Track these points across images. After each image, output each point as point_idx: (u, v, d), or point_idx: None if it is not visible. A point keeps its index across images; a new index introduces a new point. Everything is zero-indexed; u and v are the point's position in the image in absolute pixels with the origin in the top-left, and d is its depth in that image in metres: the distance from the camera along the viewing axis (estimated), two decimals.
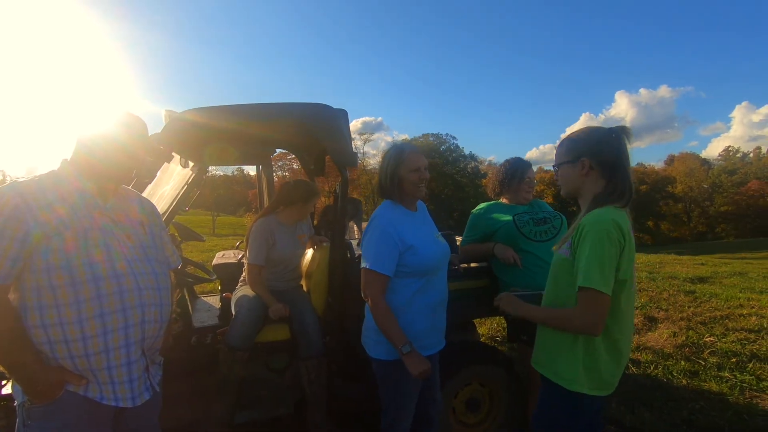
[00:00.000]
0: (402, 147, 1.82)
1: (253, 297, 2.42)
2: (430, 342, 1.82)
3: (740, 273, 8.03)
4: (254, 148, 3.34)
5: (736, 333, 4.23)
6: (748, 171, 53.52)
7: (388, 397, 1.82)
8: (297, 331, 2.34)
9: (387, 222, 1.74)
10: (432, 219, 2.01)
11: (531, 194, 2.48)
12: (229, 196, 52.52)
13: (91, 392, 1.35)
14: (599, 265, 1.30)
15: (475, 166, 52.38)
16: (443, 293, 1.87)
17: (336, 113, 2.24)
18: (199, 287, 4.89)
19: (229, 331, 2.30)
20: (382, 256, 1.69)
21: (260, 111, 2.17)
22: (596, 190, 1.45)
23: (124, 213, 1.47)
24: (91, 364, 1.32)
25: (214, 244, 11.12)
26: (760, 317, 4.67)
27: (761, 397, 3.07)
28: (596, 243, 1.32)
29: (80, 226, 1.33)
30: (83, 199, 1.38)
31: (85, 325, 1.30)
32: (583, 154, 1.45)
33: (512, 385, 2.48)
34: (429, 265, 1.76)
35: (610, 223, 1.33)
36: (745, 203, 46.06)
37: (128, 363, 1.38)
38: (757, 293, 6.08)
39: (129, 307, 1.36)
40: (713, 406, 2.89)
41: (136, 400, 1.41)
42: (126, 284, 1.36)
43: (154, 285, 1.45)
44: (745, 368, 3.49)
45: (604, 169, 1.44)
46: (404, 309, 1.74)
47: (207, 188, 30.94)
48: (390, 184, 1.79)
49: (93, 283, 1.31)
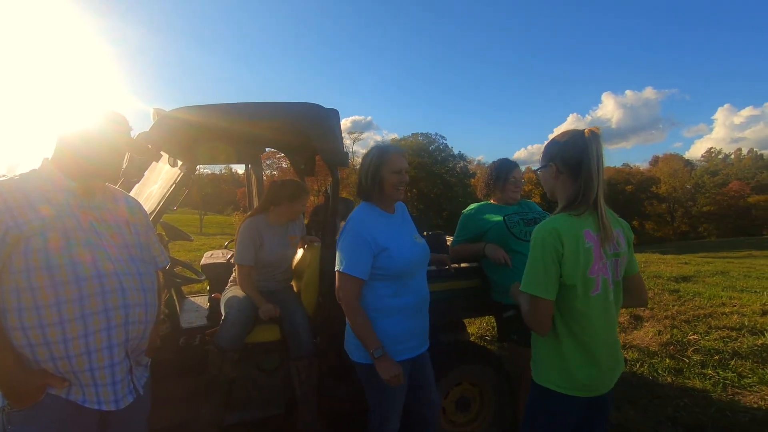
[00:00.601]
0: (385, 147, 1.81)
1: (243, 297, 2.39)
2: (411, 345, 1.81)
3: (722, 272, 8.21)
4: (244, 147, 3.31)
5: (719, 331, 4.32)
6: (730, 172, 54.77)
7: (374, 399, 1.82)
8: (287, 331, 2.33)
9: (361, 224, 1.74)
10: (412, 220, 2.00)
11: (518, 194, 2.49)
12: (216, 194, 51.96)
13: (74, 395, 1.32)
14: (534, 270, 1.40)
15: (464, 166, 52.59)
16: (422, 295, 1.85)
17: (327, 113, 2.23)
18: (187, 287, 4.82)
19: (219, 332, 2.27)
20: (355, 259, 1.68)
21: (250, 110, 2.15)
22: (568, 192, 1.47)
23: (109, 212, 1.44)
24: (73, 366, 1.30)
25: (201, 244, 10.99)
26: (741, 315, 4.78)
27: (743, 394, 3.14)
28: (532, 250, 1.41)
29: (62, 225, 1.30)
30: (66, 198, 1.35)
31: (66, 326, 1.27)
32: (552, 158, 1.49)
33: (502, 385, 2.50)
34: (404, 268, 1.75)
35: (547, 231, 1.39)
36: (727, 203, 47.09)
37: (111, 365, 1.35)
38: (738, 292, 6.22)
39: (112, 308, 1.33)
40: (697, 403, 2.95)
41: (120, 403, 1.38)
42: (109, 285, 1.33)
43: (138, 285, 1.42)
44: (728, 365, 3.57)
45: (572, 172, 1.45)
46: (381, 311, 1.74)
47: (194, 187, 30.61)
48: (370, 184, 1.78)
49: (75, 284, 1.28)
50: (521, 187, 2.49)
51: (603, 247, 1.41)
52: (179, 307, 3.06)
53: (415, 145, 49.04)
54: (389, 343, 1.71)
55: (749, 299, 5.57)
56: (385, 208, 1.84)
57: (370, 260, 1.70)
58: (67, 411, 1.31)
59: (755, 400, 3.04)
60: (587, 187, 1.40)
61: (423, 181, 46.87)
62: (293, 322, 2.33)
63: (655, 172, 54.24)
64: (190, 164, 2.67)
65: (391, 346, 1.72)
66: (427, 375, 1.94)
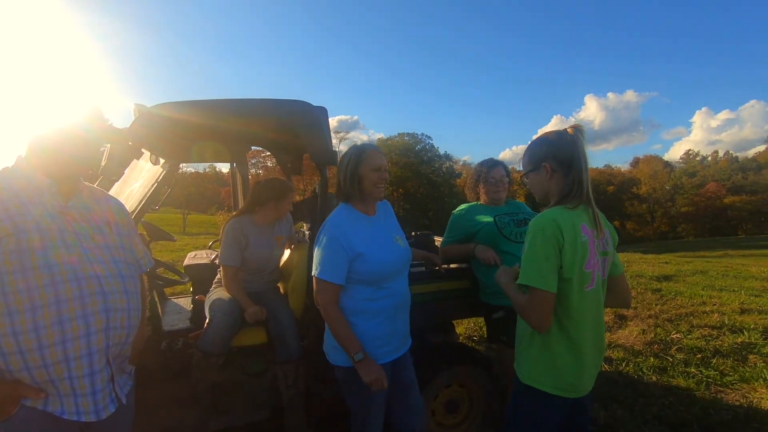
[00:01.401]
0: (362, 146, 1.77)
1: (228, 300, 2.32)
2: (391, 348, 1.77)
3: (701, 271, 8.41)
4: (229, 146, 3.24)
5: (700, 330, 4.40)
6: (707, 173, 56.33)
7: (354, 403, 1.77)
8: (274, 334, 2.27)
9: (337, 228, 1.69)
10: (398, 220, 1.95)
11: (501, 193, 2.46)
12: (200, 193, 51.17)
13: (51, 406, 1.25)
14: (534, 262, 1.35)
15: (450, 166, 52.88)
16: (402, 298, 1.81)
17: (316, 110, 2.18)
18: (170, 289, 4.70)
19: (203, 336, 2.20)
20: (330, 264, 1.65)
21: (237, 107, 2.08)
22: (560, 189, 1.48)
23: (90, 212, 1.38)
24: (51, 375, 1.22)
25: (185, 244, 10.79)
26: (722, 314, 4.88)
27: (725, 391, 3.20)
28: (532, 241, 1.37)
29: (38, 226, 1.23)
30: (41, 197, 1.28)
31: (42, 333, 1.20)
32: (544, 159, 1.48)
33: (491, 386, 2.48)
34: (380, 272, 1.70)
35: (547, 221, 1.36)
36: (704, 204, 48.42)
37: (91, 373, 1.28)
38: (717, 290, 6.37)
39: (91, 313, 1.26)
40: (681, 402, 2.99)
41: (101, 413, 1.31)
42: (88, 288, 1.26)
43: (121, 288, 1.35)
44: (710, 364, 3.63)
45: (564, 169, 1.46)
46: (359, 315, 1.70)
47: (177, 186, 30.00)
48: (349, 184, 1.73)
49: (51, 287, 1.21)
50: (505, 185, 2.46)
51: (596, 241, 1.42)
52: (161, 309, 2.97)
53: (401, 145, 49.14)
54: (369, 346, 1.68)
55: (728, 298, 5.70)
56: (365, 210, 1.79)
57: (347, 265, 1.66)
58: (45, 424, 1.24)
59: (737, 397, 3.10)
60: (579, 182, 1.42)
61: (409, 180, 46.96)
62: (280, 325, 2.27)
63: (636, 174, 55.46)
64: (172, 162, 2.59)
65: (372, 350, 1.68)
66: (409, 379, 1.89)
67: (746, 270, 8.84)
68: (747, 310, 5.07)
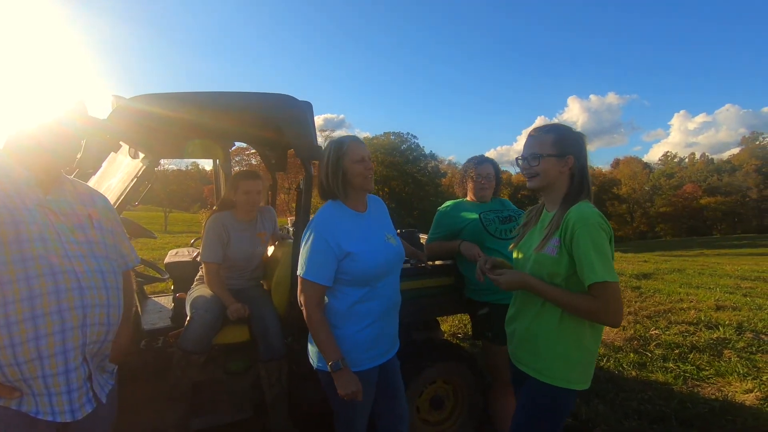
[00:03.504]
0: (341, 139, 1.68)
1: (209, 297, 2.27)
2: (379, 351, 1.69)
3: (679, 270, 8.62)
4: (211, 141, 3.17)
5: (678, 326, 4.51)
6: (684, 175, 57.77)
7: (338, 406, 1.70)
8: (257, 332, 2.23)
9: (324, 226, 1.61)
10: (389, 215, 1.88)
11: (487, 191, 2.45)
12: (182, 191, 50.21)
13: (26, 406, 1.20)
14: (605, 258, 1.33)
15: (435, 166, 53.04)
16: (393, 299, 1.73)
17: (301, 105, 2.15)
18: (150, 287, 4.61)
19: (184, 334, 2.15)
20: (316, 265, 1.56)
21: (219, 100, 2.03)
22: (565, 188, 1.48)
23: (68, 206, 1.33)
24: (23, 373, 1.18)
25: (166, 242, 10.58)
26: (698, 311, 5.02)
27: (701, 386, 3.28)
28: (595, 238, 1.34)
29: (12, 218, 1.18)
30: (17, 189, 1.23)
31: (14, 329, 1.15)
32: (570, 152, 1.47)
33: (475, 382, 2.49)
34: (371, 273, 1.61)
35: (596, 216, 1.37)
36: (681, 205, 49.68)
37: (66, 371, 1.23)
38: (694, 288, 6.54)
39: (66, 309, 1.22)
40: (660, 396, 3.05)
41: (76, 413, 1.26)
42: (64, 283, 1.22)
43: (99, 284, 1.31)
44: (687, 359, 3.72)
45: (578, 169, 1.47)
46: (346, 317, 1.62)
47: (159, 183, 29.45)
48: (333, 181, 1.64)
49: (24, 281, 1.17)
50: (492, 183, 2.46)
51: None
52: (141, 307, 2.90)
53: (387, 144, 49.09)
54: (355, 350, 1.61)
55: (704, 295, 5.86)
56: (354, 205, 1.70)
57: (334, 265, 1.58)
58: (19, 424, 1.20)
59: (713, 391, 3.18)
60: (588, 183, 1.48)
61: (394, 179, 46.96)
62: (263, 323, 2.24)
63: (617, 174, 56.59)
64: (152, 157, 2.52)
65: (358, 354, 1.62)
66: (396, 384, 1.83)
67: (721, 268, 9.11)
68: (722, 307, 5.22)
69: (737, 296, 5.91)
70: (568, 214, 1.40)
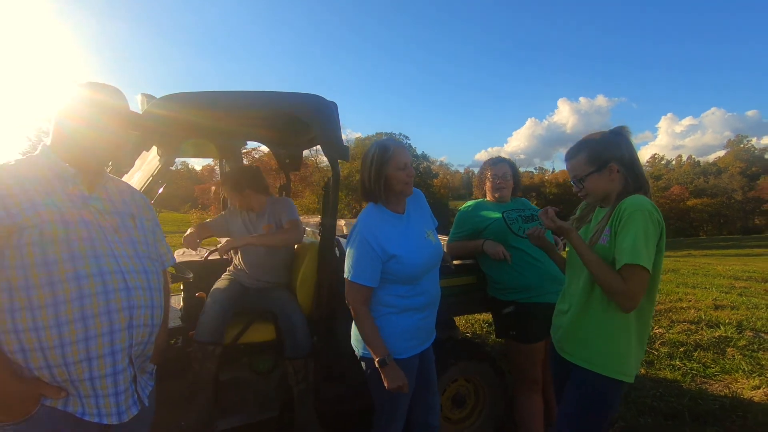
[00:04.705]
0: (386, 144, 1.71)
1: (221, 289, 2.35)
2: (419, 340, 1.78)
3: (673, 270, 8.79)
4: (230, 139, 3.15)
5: (680, 324, 4.60)
6: (671, 177, 58.84)
7: (381, 397, 1.75)
8: (284, 330, 2.24)
9: (367, 230, 1.66)
10: (428, 207, 1.93)
11: (505, 190, 2.47)
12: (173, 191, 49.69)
13: (72, 407, 1.19)
14: (645, 243, 1.35)
15: (427, 166, 53.36)
16: (433, 294, 1.81)
17: (330, 105, 2.16)
18: None
19: (198, 327, 2.18)
20: (362, 268, 1.64)
21: (251, 99, 2.01)
22: (620, 189, 1.51)
23: (112, 205, 1.32)
24: (71, 374, 1.16)
25: None
26: (698, 310, 5.12)
27: (708, 382, 3.35)
28: (641, 223, 1.36)
29: (61, 217, 1.17)
30: (64, 187, 1.22)
31: (64, 329, 1.14)
32: (609, 159, 1.49)
33: (496, 380, 2.52)
34: (414, 272, 1.69)
35: (650, 205, 1.40)
36: (669, 206, 50.49)
37: (114, 373, 1.22)
38: (691, 288, 6.67)
39: (115, 310, 1.20)
40: (671, 393, 3.11)
41: (123, 415, 1.25)
42: (112, 283, 1.21)
43: (144, 285, 1.30)
44: (692, 356, 3.80)
45: (626, 168, 1.49)
46: (392, 308, 1.70)
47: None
48: (375, 185, 1.68)
49: (75, 281, 1.15)
50: (509, 182, 2.48)
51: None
52: None
53: None
54: (399, 339, 1.69)
55: (702, 295, 5.98)
56: (395, 208, 1.76)
57: (379, 267, 1.65)
58: (65, 424, 1.18)
59: (720, 388, 3.25)
60: (645, 177, 1.51)
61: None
62: (290, 321, 2.25)
63: None
64: (168, 156, 2.50)
65: (401, 343, 1.69)
66: (430, 375, 1.90)
67: (713, 269, 9.30)
68: (720, 306, 5.34)
69: (733, 296, 6.05)
70: (622, 204, 1.43)
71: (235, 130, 2.59)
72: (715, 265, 10.42)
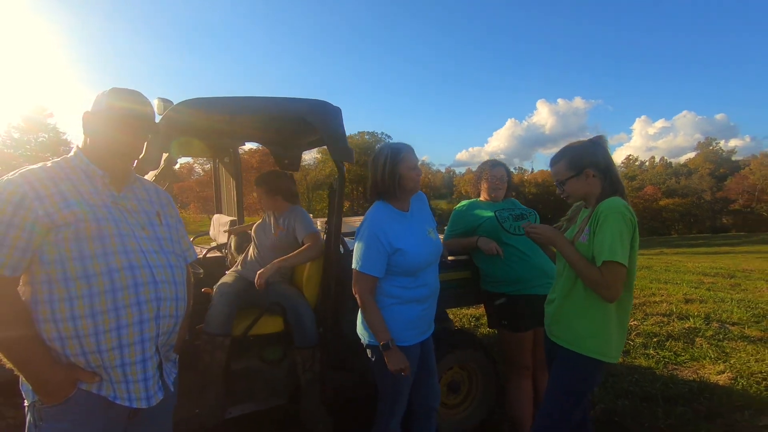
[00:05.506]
0: (397, 147, 1.90)
1: (227, 283, 2.49)
2: (421, 330, 1.93)
3: (646, 267, 9.20)
4: (231, 141, 3.25)
5: (653, 317, 4.91)
6: (645, 177, 60.75)
7: (385, 382, 1.90)
8: (292, 321, 2.38)
9: (376, 225, 1.83)
10: (429, 207, 2.11)
11: (499, 191, 2.67)
12: None
13: (105, 390, 1.28)
14: (620, 241, 1.55)
15: None
16: (434, 286, 1.99)
17: (335, 110, 2.30)
18: None
19: (206, 319, 2.31)
20: (370, 259, 1.79)
21: (264, 105, 2.14)
22: (598, 191, 1.72)
23: (139, 203, 1.42)
24: (104, 360, 1.26)
25: None
26: (669, 304, 5.45)
27: (679, 369, 3.63)
28: (615, 223, 1.56)
29: (94, 215, 1.27)
30: (95, 187, 1.32)
31: (98, 319, 1.24)
32: (586, 165, 1.71)
33: (489, 368, 2.71)
34: (416, 265, 1.85)
35: (623, 207, 1.60)
36: (642, 206, 52.09)
37: (143, 360, 1.32)
38: (663, 283, 7.04)
39: (144, 301, 1.31)
40: (645, 378, 3.37)
41: (151, 400, 1.35)
42: (141, 277, 1.31)
43: (170, 278, 1.40)
44: (664, 346, 4.09)
45: (601, 173, 1.70)
46: (396, 299, 1.86)
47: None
48: (389, 183, 1.86)
49: (107, 275, 1.25)
50: (505, 184, 2.68)
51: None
52: None
53: (361, 144, 49.21)
54: (402, 328, 1.84)
55: (673, 290, 6.34)
56: (401, 206, 1.93)
57: (385, 259, 1.81)
58: (98, 406, 1.28)
59: (689, 374, 3.53)
60: (618, 183, 1.69)
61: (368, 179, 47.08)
62: (297, 313, 2.38)
63: None
64: (172, 156, 2.59)
65: (404, 332, 1.84)
66: (430, 361, 2.06)
67: (683, 265, 9.77)
68: (690, 300, 5.69)
69: (702, 290, 6.43)
70: (599, 207, 1.64)
71: (244, 133, 2.70)
72: (686, 262, 10.93)
